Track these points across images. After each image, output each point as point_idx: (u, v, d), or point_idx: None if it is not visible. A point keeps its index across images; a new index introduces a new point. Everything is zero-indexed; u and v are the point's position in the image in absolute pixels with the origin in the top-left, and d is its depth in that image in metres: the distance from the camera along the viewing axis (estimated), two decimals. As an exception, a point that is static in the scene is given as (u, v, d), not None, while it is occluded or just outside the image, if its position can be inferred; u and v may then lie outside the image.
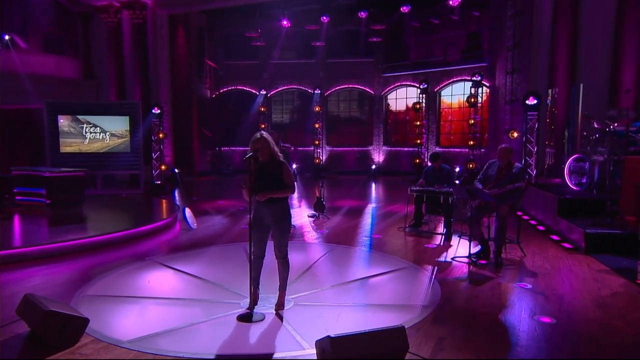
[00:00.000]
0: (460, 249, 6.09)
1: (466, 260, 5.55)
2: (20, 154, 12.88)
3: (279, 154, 3.92)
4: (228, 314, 3.86)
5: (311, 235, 7.20)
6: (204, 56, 17.86)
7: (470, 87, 14.48)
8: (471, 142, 14.55)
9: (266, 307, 3.99)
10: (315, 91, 17.72)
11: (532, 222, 8.06)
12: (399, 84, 18.48)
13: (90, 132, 12.07)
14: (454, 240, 6.59)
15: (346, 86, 19.20)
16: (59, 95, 13.06)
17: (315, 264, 5.45)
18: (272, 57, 18.67)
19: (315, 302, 4.18)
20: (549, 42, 10.79)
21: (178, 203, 10.23)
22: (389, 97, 19.05)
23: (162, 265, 5.42)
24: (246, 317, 3.78)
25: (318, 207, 8.54)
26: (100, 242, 6.37)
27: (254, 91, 18.94)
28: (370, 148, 19.07)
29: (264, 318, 3.78)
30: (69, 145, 11.95)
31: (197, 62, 17.38)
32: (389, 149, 18.87)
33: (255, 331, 3.58)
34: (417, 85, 16.77)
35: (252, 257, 3.90)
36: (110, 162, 12.19)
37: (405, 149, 18.04)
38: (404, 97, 18.65)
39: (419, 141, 16.26)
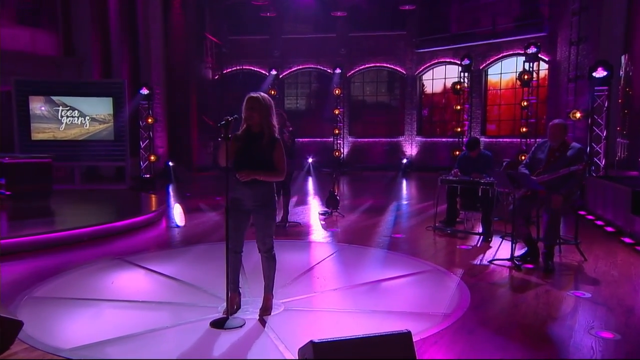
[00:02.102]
0: (502, 251, 5.90)
1: (507, 263, 5.35)
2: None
3: (275, 126, 3.74)
4: (201, 319, 3.79)
5: (319, 234, 7.23)
6: (204, 30, 17.96)
7: (524, 62, 14.03)
8: (524, 130, 14.08)
9: (250, 312, 3.92)
10: (336, 71, 17.59)
11: (599, 222, 7.79)
12: (436, 61, 18.20)
13: (67, 116, 12.22)
14: (495, 241, 6.41)
15: (372, 65, 19.04)
16: (35, 75, 13.25)
17: (318, 265, 5.44)
18: (285, 30, 18.63)
19: (310, 307, 4.15)
20: (625, 2, 10.27)
21: (171, 199, 10.31)
22: (424, 77, 18.83)
23: (133, 265, 5.41)
24: (221, 323, 3.67)
25: (331, 203, 8.45)
26: (66, 239, 6.36)
27: (263, 71, 18.95)
28: (400, 139, 18.88)
29: (244, 324, 3.69)
30: (41, 132, 12.15)
31: (196, 37, 17.47)
32: (424, 139, 18.64)
33: (229, 339, 3.48)
34: (458, 62, 16.41)
35: (227, 251, 3.77)
36: (90, 151, 12.31)
37: (443, 139, 17.81)
38: (442, 77, 18.36)
39: (459, 130, 15.92)
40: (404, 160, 17.80)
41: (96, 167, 14.78)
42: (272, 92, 17.81)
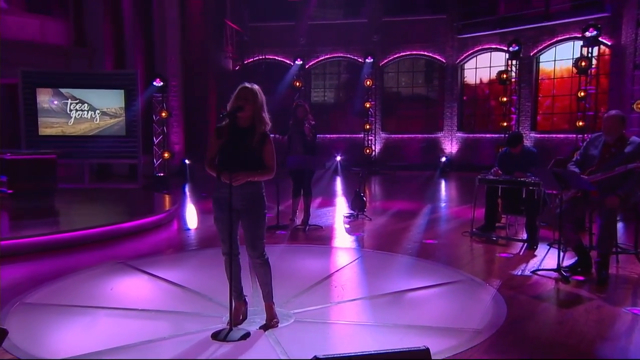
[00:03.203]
0: (548, 260, 5.79)
1: (554, 274, 5.19)
2: (2, 138, 13.51)
3: (267, 121, 3.72)
4: (203, 330, 3.78)
5: (342, 238, 7.24)
6: (224, 17, 18.11)
7: (582, 47, 13.60)
8: (580, 124, 13.64)
9: (257, 323, 3.90)
10: (367, 60, 17.47)
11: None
12: (480, 47, 17.88)
13: (76, 110, 12.49)
14: (540, 249, 6.27)
15: (408, 53, 18.85)
16: (44, 66, 13.62)
17: (338, 272, 5.42)
18: (311, 16, 18.60)
19: (323, 319, 4.12)
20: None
21: (186, 200, 10.45)
22: (466, 66, 18.52)
23: (136, 270, 5.46)
24: (223, 335, 3.65)
25: (356, 205, 8.40)
26: (68, 241, 6.48)
27: (287, 61, 18.99)
28: (439, 135, 18.66)
29: (248, 336, 3.66)
30: (49, 126, 12.45)
31: (215, 24, 17.64)
32: (465, 135, 18.37)
33: (230, 352, 3.45)
34: (505, 49, 16.06)
35: (224, 255, 3.80)
36: (100, 148, 12.54)
37: (488, 135, 17.49)
38: (486, 66, 18.02)
39: (505, 124, 15.59)
40: (443, 159, 17.58)
41: (109, 165, 15.09)
42: (297, 84, 17.84)
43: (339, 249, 6.58)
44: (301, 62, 18.13)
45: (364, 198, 8.43)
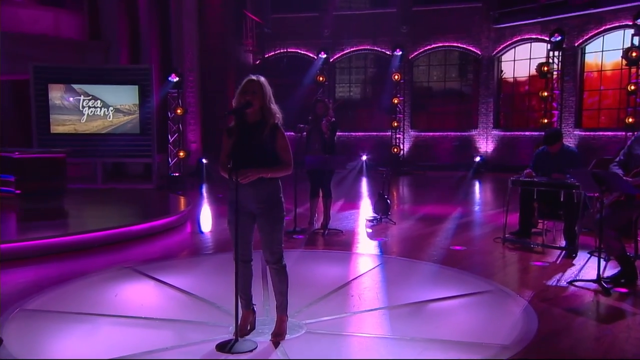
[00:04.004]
0: (587, 270, 5.67)
1: (593, 286, 5.07)
2: (14, 136, 13.85)
3: (277, 113, 3.70)
4: (207, 340, 3.78)
5: (363, 244, 7.19)
6: (244, 8, 18.23)
7: (632, 36, 13.27)
8: (630, 120, 13.34)
9: (266, 334, 3.88)
10: (395, 53, 17.37)
11: None
12: (518, 38, 17.66)
13: (89, 107, 12.71)
14: (580, 257, 6.14)
15: (440, 45, 18.76)
16: (58, 61, 13.89)
17: (356, 280, 5.38)
18: (337, 6, 18.62)
19: (337, 331, 4.06)
20: None
21: (202, 201, 10.55)
22: (503, 58, 18.37)
23: (143, 275, 5.50)
24: (227, 346, 3.63)
25: (380, 208, 8.36)
26: (76, 244, 6.56)
27: (310, 55, 19.04)
28: (473, 133, 18.53)
29: (255, 348, 3.64)
30: (61, 124, 12.69)
31: (234, 16, 17.77)
32: (502, 133, 18.20)
33: None
34: (547, 39, 15.79)
35: (235, 261, 3.78)
36: (113, 146, 12.75)
37: (527, 133, 17.33)
38: (525, 58, 17.81)
39: (546, 121, 15.33)
40: (477, 158, 17.48)
41: (123, 165, 15.31)
42: (321, 79, 17.82)
43: (358, 255, 6.55)
44: (325, 55, 18.07)
45: (388, 200, 8.36)
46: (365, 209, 9.76)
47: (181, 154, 13.24)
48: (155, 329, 4.10)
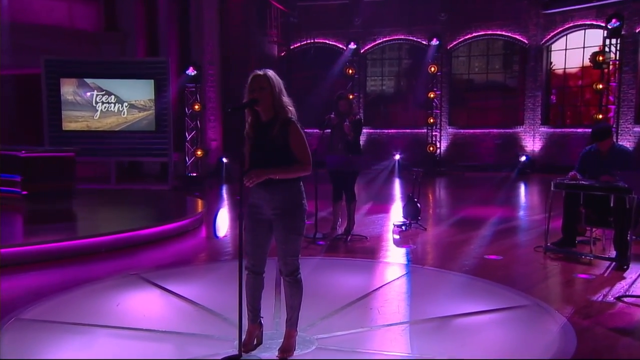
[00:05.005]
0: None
1: None
2: (24, 134, 14.17)
3: (288, 106, 3.65)
4: (210, 355, 3.78)
5: (388, 251, 7.16)
6: (268, -5, 18.30)
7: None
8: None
9: (274, 350, 3.83)
10: (432, 43, 17.27)
11: None
12: (571, 24, 17.38)
13: (102, 102, 12.93)
14: (632, 270, 5.99)
15: (482, 33, 18.60)
16: (72, 53, 14.17)
17: (377, 291, 5.33)
18: (368, -8, 18.53)
19: (351, 348, 3.99)
20: None
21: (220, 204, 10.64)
22: (553, 47, 18.12)
23: (149, 283, 5.52)
24: None
25: (409, 212, 8.30)
26: (82, 249, 6.65)
27: (339, 45, 19.07)
28: (519, 129, 18.35)
29: None
30: (74, 121, 12.96)
31: (257, 5, 17.87)
32: (551, 130, 17.98)
33: None
34: (603, 25, 15.43)
35: (244, 272, 3.77)
36: (127, 144, 12.95)
37: (579, 130, 17.08)
38: (578, 47, 17.50)
39: (601, 117, 14.99)
40: (522, 158, 17.26)
41: (139, 164, 15.53)
42: (350, 71, 17.80)
43: (382, 263, 6.52)
44: (355, 46, 18.13)
45: (418, 204, 8.29)
46: (395, 213, 9.71)
47: (199, 152, 13.36)
48: (156, 342, 4.10)
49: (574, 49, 17.59)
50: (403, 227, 8.17)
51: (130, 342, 4.13)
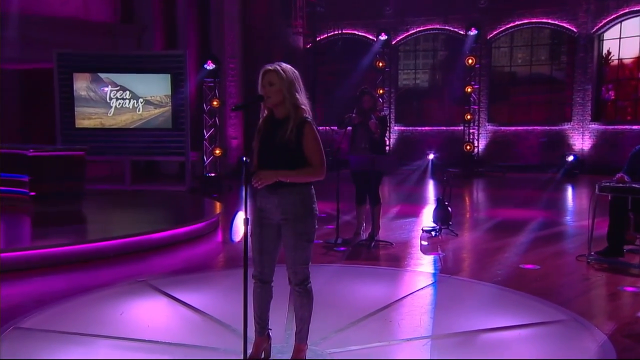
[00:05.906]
0: None
1: None
2: (37, 131, 14.45)
3: (303, 105, 3.62)
4: None
5: (415, 258, 7.15)
6: (294, -17, 18.34)
7: None
8: None
9: None
10: (470, 32, 17.12)
11: None
12: (626, 10, 17.15)
13: (117, 98, 13.10)
14: None
15: (526, 21, 18.47)
16: (87, 45, 14.39)
17: (400, 302, 5.30)
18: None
19: None
20: None
21: (241, 206, 10.64)
22: (605, 36, 17.93)
23: (156, 291, 5.56)
24: None
25: (439, 217, 8.24)
26: (88, 254, 6.72)
27: (369, 36, 19.07)
28: (566, 127, 18.17)
29: None
30: (87, 118, 13.15)
31: (282, -7, 17.92)
32: (602, 127, 17.78)
33: None
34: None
35: (253, 279, 3.83)
36: (142, 143, 13.09)
37: (634, 127, 17.00)
38: (634, 35, 17.27)
39: (658, 113, 14.68)
40: (570, 158, 17.03)
41: (156, 163, 15.70)
42: (380, 64, 17.74)
43: (407, 272, 6.51)
44: (386, 37, 18.10)
45: (449, 208, 8.24)
46: (425, 218, 9.65)
47: (217, 151, 13.42)
48: (157, 354, 4.13)
49: (629, 38, 17.39)
50: (432, 233, 8.11)
51: (131, 354, 4.13)
